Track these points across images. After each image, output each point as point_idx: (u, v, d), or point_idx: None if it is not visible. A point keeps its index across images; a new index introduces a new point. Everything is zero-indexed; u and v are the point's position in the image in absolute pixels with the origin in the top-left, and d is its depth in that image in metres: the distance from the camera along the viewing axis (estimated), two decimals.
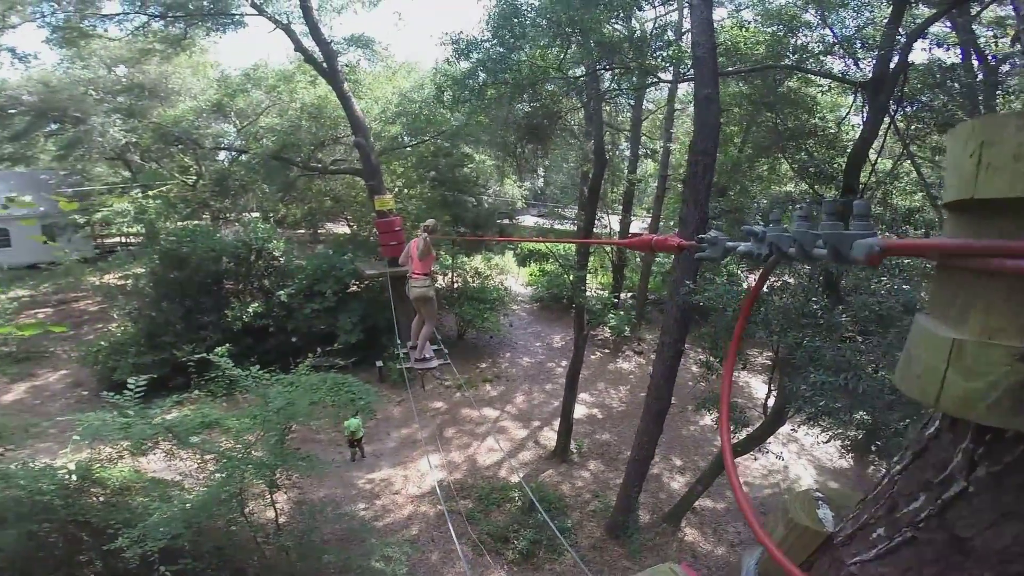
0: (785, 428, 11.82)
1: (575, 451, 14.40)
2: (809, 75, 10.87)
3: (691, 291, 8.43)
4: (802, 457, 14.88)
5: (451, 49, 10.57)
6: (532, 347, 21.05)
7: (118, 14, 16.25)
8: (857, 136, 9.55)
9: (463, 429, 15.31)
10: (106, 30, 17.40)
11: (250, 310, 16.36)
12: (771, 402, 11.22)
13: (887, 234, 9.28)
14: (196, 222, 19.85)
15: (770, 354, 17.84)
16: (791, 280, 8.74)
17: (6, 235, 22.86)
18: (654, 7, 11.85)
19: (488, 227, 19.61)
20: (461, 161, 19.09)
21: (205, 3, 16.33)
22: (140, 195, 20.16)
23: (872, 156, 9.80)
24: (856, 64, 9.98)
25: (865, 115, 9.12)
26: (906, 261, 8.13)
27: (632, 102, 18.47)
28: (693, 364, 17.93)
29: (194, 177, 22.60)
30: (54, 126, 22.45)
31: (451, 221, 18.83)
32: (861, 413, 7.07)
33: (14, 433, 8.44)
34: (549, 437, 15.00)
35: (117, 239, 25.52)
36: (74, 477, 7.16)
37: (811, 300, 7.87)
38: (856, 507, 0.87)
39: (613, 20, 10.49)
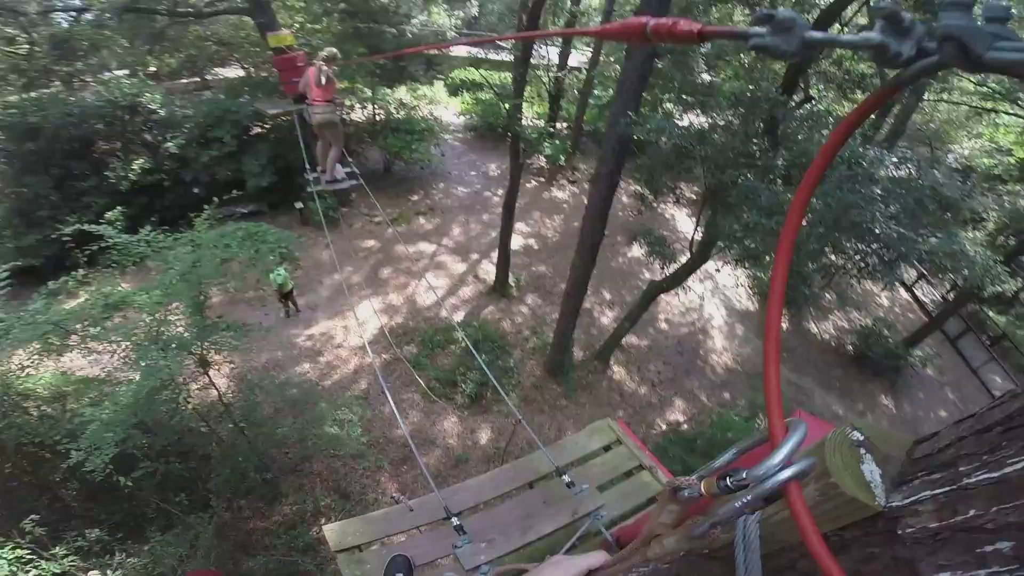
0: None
1: (513, 285, 14.36)
2: None
3: (632, 122, 7.64)
4: (715, 296, 15.47)
5: None
6: (467, 177, 19.97)
7: None
8: None
9: (399, 268, 14.61)
10: None
11: (135, 167, 14.36)
12: (698, 238, 11.32)
13: None
14: (43, 91, 16.11)
15: (697, 189, 18.02)
16: (733, 119, 8.09)
17: None
18: None
19: (413, 59, 16.97)
20: None
21: None
22: None
23: None
24: None
25: None
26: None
27: None
28: (625, 195, 17.85)
29: (26, 46, 17.65)
30: None
31: (368, 53, 16.07)
32: None
33: None
34: (488, 270, 14.78)
35: None
36: None
37: (751, 141, 7.38)
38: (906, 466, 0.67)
39: None
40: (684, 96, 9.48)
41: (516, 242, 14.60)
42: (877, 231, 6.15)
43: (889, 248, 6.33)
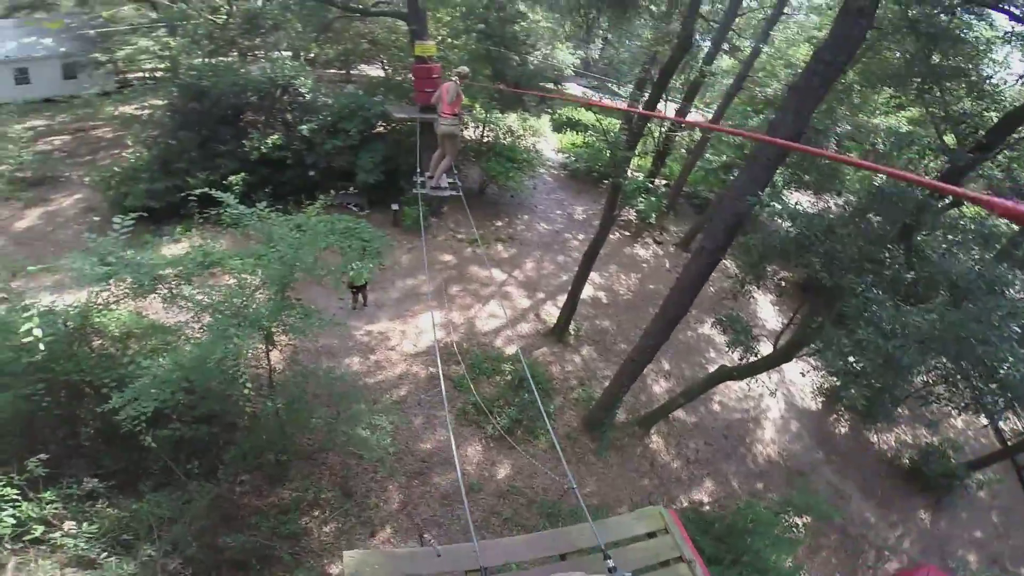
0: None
1: (573, 333, 13.78)
2: (989, 17, 8.19)
3: (759, 203, 7.00)
4: (779, 388, 14.25)
5: None
6: (552, 214, 19.59)
7: None
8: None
9: (468, 288, 14.49)
10: None
11: (269, 141, 15.20)
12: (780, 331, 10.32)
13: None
14: (221, 59, 18.16)
15: (785, 274, 16.67)
16: (875, 218, 7.22)
17: (24, 73, 22.45)
18: None
19: (530, 88, 17.30)
20: (514, 17, 16.61)
21: None
22: (165, 34, 18.58)
23: None
24: None
25: None
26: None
27: None
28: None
29: (224, 17, 19.98)
30: None
31: (491, 76, 16.55)
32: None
33: (14, 276, 7.63)
34: (550, 312, 14.31)
35: (141, 74, 23.92)
36: (71, 324, 6.59)
37: (885, 246, 6.48)
38: None
39: None
40: (800, 175, 8.73)
41: (586, 291, 14.03)
42: (1002, 373, 5.33)
43: (1007, 390, 5.54)
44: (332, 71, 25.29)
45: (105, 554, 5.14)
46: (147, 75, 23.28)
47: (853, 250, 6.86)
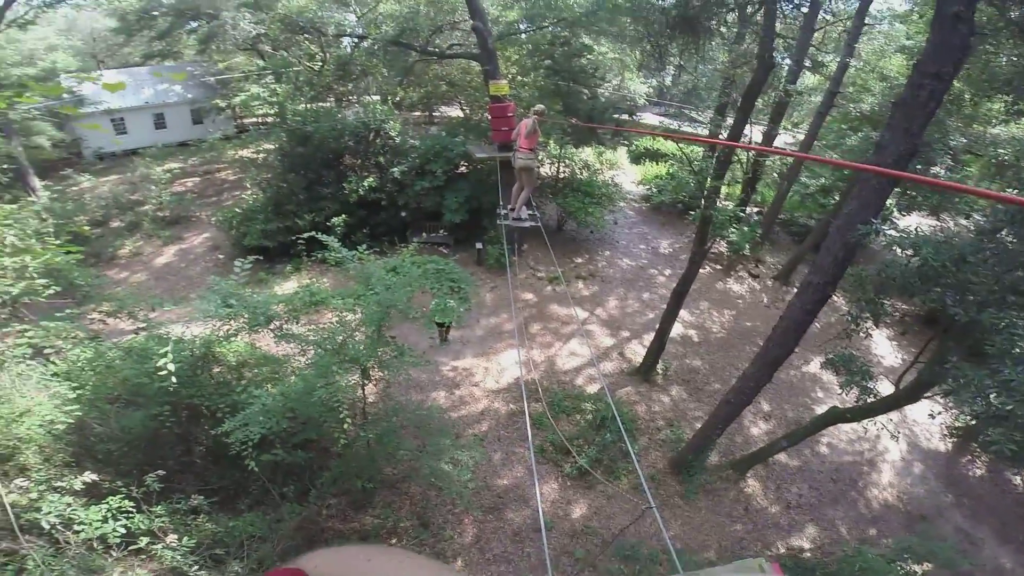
0: None
1: (660, 372, 13.26)
2: None
3: (873, 231, 6.39)
4: (899, 429, 12.67)
5: None
6: (635, 249, 19.20)
7: None
8: None
9: (548, 327, 14.50)
10: None
11: (365, 184, 16.49)
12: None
13: None
14: (320, 104, 20.14)
15: (904, 307, 14.90)
16: (1010, 239, 6.31)
17: (162, 118, 25.86)
18: None
19: (603, 121, 17.46)
20: (579, 51, 16.98)
21: None
22: (272, 81, 20.75)
23: None
24: None
25: None
26: None
27: (805, 8, 15.07)
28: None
29: (319, 63, 22.62)
30: (193, 23, 23.65)
31: (563, 111, 16.90)
32: None
33: (153, 309, 8.85)
34: (636, 351, 13.88)
35: (255, 119, 27.31)
36: (196, 353, 7.44)
37: None
38: None
39: None
40: (915, 196, 7.85)
41: (675, 329, 13.51)
42: None
43: None
44: (416, 113, 27.23)
45: (197, 567, 5.47)
46: (260, 120, 26.26)
47: (990, 280, 6.00)
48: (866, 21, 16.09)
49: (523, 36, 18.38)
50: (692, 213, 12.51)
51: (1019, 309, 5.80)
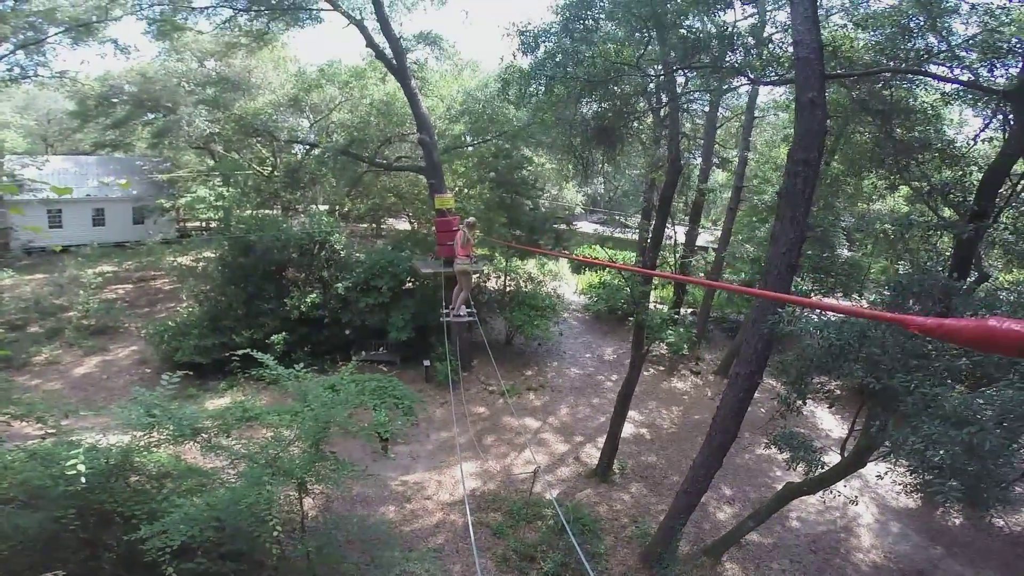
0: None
1: (617, 471, 13.28)
2: (928, 82, 9.22)
3: (780, 321, 7.16)
4: (864, 493, 13.19)
5: (518, 41, 9.73)
6: (581, 358, 19.87)
7: (208, 7, 16.68)
8: (996, 153, 7.99)
9: (502, 438, 14.49)
10: (196, 23, 17.94)
11: (308, 300, 16.33)
12: (849, 441, 9.75)
13: None
14: (267, 211, 20.35)
15: (836, 382, 16.03)
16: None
17: (101, 214, 24.63)
18: (742, 4, 10.50)
19: (544, 232, 18.85)
20: (520, 163, 18.55)
21: None
22: (220, 183, 20.93)
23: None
24: (991, 70, 8.28)
25: (1008, 127, 7.53)
26: None
27: (707, 108, 17.03)
28: (758, 390, 16.33)
29: (269, 168, 23.29)
30: (150, 115, 23.66)
31: (507, 224, 18.15)
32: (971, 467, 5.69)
33: (67, 416, 8.25)
34: (591, 454, 13.95)
35: (198, 224, 26.82)
36: (111, 461, 6.89)
37: (925, 340, 6.45)
38: None
39: (694, 16, 9.37)
40: (821, 275, 8.90)
41: (627, 430, 13.84)
42: None
43: None
44: (363, 225, 27.91)
45: None
46: (203, 225, 25.51)
47: (894, 349, 6.79)
48: (755, 114, 17.99)
49: (469, 149, 19.90)
50: (631, 319, 13.24)
51: (923, 371, 6.52)
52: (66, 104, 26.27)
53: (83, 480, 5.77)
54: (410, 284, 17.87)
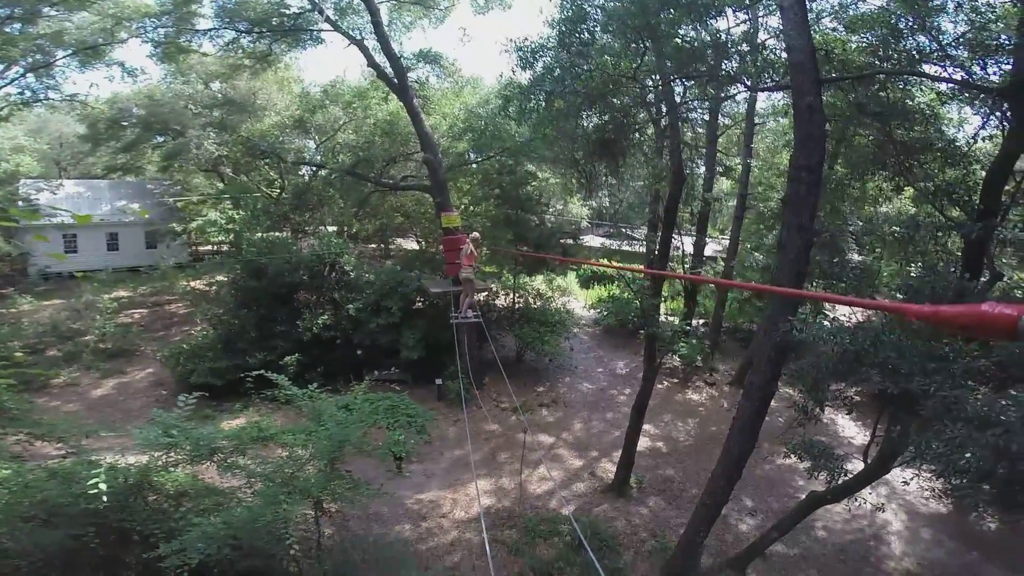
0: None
1: (634, 486, 13.17)
2: (924, 83, 9.30)
3: (792, 328, 7.16)
4: (892, 501, 12.90)
5: (515, 56, 9.99)
6: (594, 373, 19.86)
7: (211, 29, 17.27)
8: (997, 150, 7.99)
9: (516, 454, 14.35)
10: (200, 46, 18.54)
11: (320, 321, 16.53)
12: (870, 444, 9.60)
13: None
14: (276, 234, 20.56)
15: (855, 388, 15.88)
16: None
17: (115, 239, 25.09)
18: (734, 11, 10.69)
19: (550, 247, 18.96)
20: (525, 179, 18.73)
21: (286, 21, 17.07)
22: (230, 206, 21.26)
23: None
24: (983, 68, 8.35)
25: (1007, 124, 7.57)
26: None
27: (707, 116, 17.15)
28: (774, 399, 16.19)
29: (277, 190, 23.62)
30: (159, 138, 24.12)
31: (513, 240, 18.31)
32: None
33: (86, 436, 8.47)
34: (607, 469, 13.89)
35: (210, 247, 27.21)
36: (130, 480, 7.04)
37: (943, 341, 6.43)
38: None
39: (687, 25, 9.57)
40: (832, 280, 8.89)
41: (642, 443, 13.80)
42: None
43: None
44: (372, 246, 28.09)
45: None
46: (215, 248, 25.79)
47: (910, 352, 6.76)
48: (756, 120, 18.12)
49: (473, 166, 20.14)
50: (642, 332, 13.21)
51: (941, 374, 6.46)
52: (77, 128, 26.80)
53: (104, 499, 5.91)
54: (420, 304, 18.05)
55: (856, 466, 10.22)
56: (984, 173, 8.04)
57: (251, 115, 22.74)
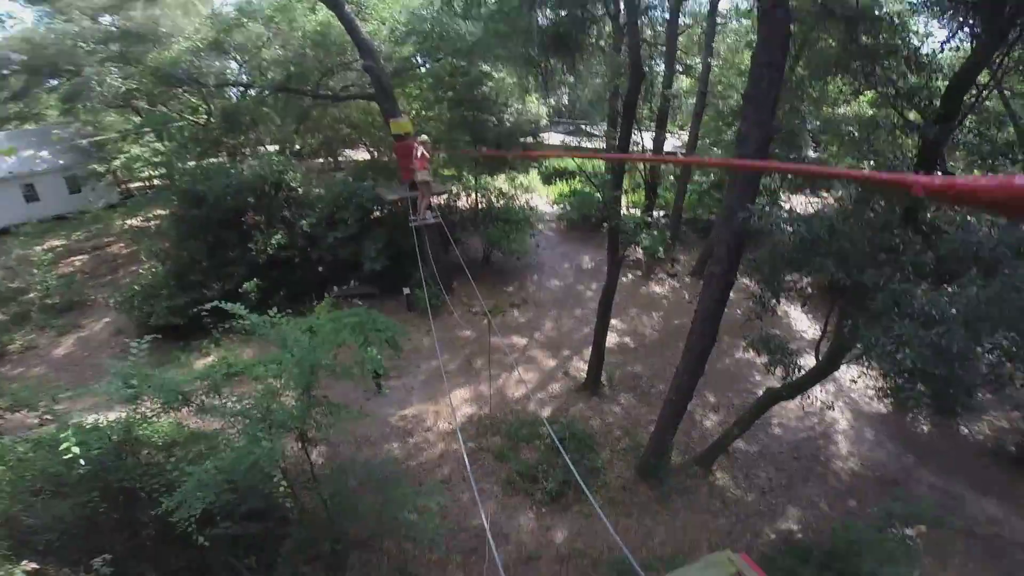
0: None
1: (606, 383, 13.86)
2: None
3: (750, 216, 7.24)
4: (839, 399, 13.96)
5: None
6: (560, 269, 20.12)
7: None
8: (960, 62, 7.94)
9: (492, 359, 14.66)
10: None
11: (273, 241, 15.97)
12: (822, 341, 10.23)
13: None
14: (211, 160, 19.30)
15: (813, 280, 16.81)
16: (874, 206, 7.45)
17: (32, 190, 23.55)
18: None
19: (510, 146, 18.35)
20: (479, 80, 17.70)
21: None
22: (153, 139, 19.78)
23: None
24: None
25: (976, 38, 7.42)
26: None
27: (667, 15, 16.58)
28: (733, 291, 16.84)
29: (204, 116, 21.78)
30: (53, 81, 22.37)
31: (472, 141, 17.57)
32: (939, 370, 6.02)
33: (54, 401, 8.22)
34: (579, 368, 14.46)
35: (141, 183, 25.74)
36: (115, 438, 6.97)
37: (892, 232, 6.67)
38: None
39: None
40: (790, 177, 9.05)
41: (611, 339, 14.24)
42: None
43: None
44: (320, 161, 26.89)
45: None
46: (146, 184, 24.69)
47: (862, 243, 7.03)
48: (718, 20, 17.84)
49: (422, 71, 18.99)
50: (605, 226, 13.30)
51: (892, 265, 6.78)
52: None
53: (82, 462, 5.87)
54: (378, 213, 17.57)
55: (808, 361, 10.89)
56: (946, 83, 8.04)
57: (156, 44, 20.22)
